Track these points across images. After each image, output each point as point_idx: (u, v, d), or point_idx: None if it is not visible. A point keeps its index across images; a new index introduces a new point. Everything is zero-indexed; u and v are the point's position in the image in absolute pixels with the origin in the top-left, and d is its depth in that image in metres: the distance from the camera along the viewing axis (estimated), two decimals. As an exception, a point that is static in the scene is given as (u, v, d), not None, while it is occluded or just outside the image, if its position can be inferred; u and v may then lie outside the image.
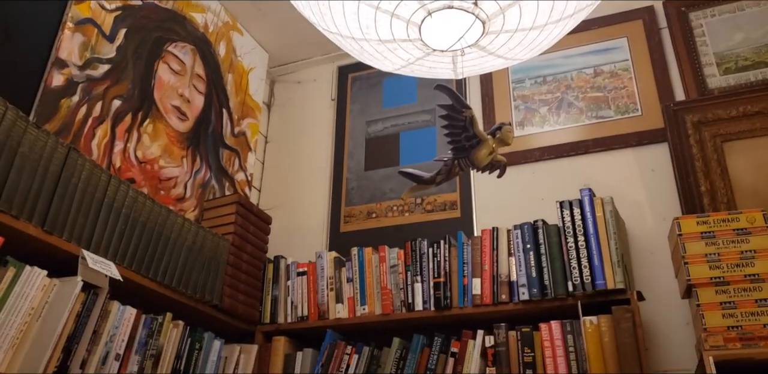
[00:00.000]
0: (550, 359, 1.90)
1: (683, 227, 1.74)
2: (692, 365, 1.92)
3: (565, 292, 1.95)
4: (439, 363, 2.03)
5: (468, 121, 1.33)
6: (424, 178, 1.50)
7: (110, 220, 1.76)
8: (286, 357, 2.27)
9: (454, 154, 1.41)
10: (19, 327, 1.44)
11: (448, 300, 2.10)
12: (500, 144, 1.41)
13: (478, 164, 1.41)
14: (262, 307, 2.34)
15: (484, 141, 1.38)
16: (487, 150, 1.36)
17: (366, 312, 2.22)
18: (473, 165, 1.42)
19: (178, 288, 1.95)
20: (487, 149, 1.36)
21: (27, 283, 1.48)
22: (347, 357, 2.16)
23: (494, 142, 1.41)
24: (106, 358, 1.67)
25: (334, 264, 2.33)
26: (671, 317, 2.03)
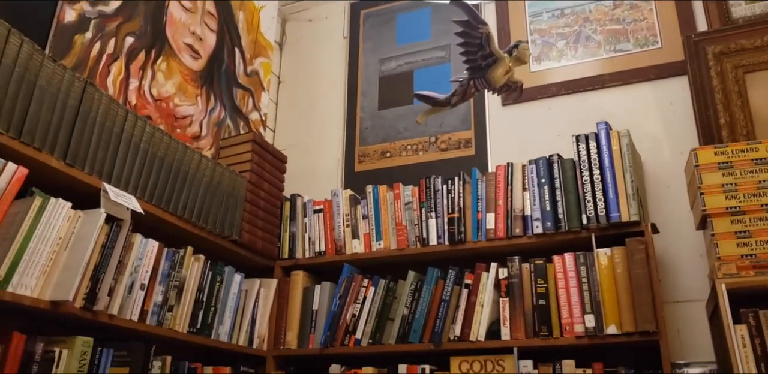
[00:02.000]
0: (563, 290, 1.94)
1: (700, 158, 1.74)
2: (704, 296, 1.96)
3: (579, 225, 1.97)
4: (453, 294, 2.08)
5: (484, 38, 1.30)
6: (439, 100, 1.48)
7: (129, 155, 1.78)
8: (305, 290, 2.33)
9: (469, 74, 1.39)
10: (48, 255, 1.49)
11: (462, 235, 2.13)
12: (517, 62, 1.39)
13: (494, 84, 1.39)
14: (280, 243, 2.39)
15: (500, 59, 1.35)
16: (504, 69, 1.34)
17: (381, 247, 2.26)
18: (489, 85, 1.40)
19: (198, 222, 1.98)
20: (504, 68, 1.34)
21: (53, 214, 1.51)
22: (364, 290, 2.22)
23: (511, 61, 1.39)
24: (131, 287, 1.72)
25: (349, 202, 2.36)
26: (685, 249, 2.05)
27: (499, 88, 1.40)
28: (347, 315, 2.20)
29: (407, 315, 2.13)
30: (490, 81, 1.38)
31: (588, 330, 1.86)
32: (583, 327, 1.87)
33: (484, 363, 2.00)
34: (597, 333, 1.85)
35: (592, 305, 1.88)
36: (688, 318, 1.99)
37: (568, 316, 1.91)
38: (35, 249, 1.45)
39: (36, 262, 1.46)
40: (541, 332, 1.92)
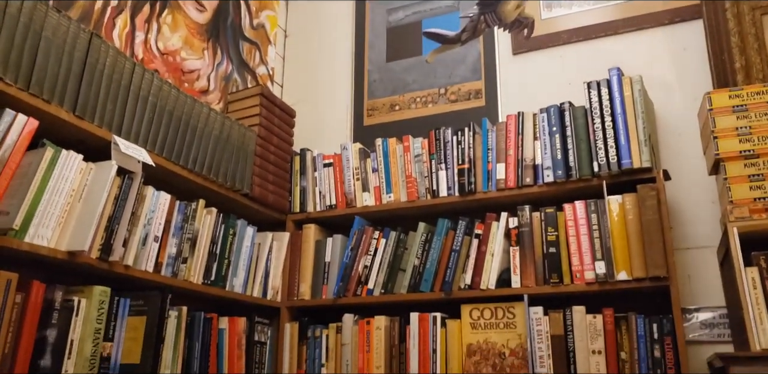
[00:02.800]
0: (574, 238, 1.94)
1: (714, 101, 1.71)
2: (715, 242, 1.97)
3: (590, 173, 1.96)
4: (463, 244, 2.09)
5: (495, -30, 1.26)
6: (449, 37, 1.45)
7: (138, 108, 1.77)
8: (317, 243, 2.35)
9: (480, 9, 1.35)
10: (62, 207, 1.50)
11: (472, 186, 2.13)
12: (528, -5, 1.34)
13: (504, 19, 1.35)
14: (291, 197, 2.41)
15: (511, -8, 1.31)
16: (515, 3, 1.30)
17: (392, 200, 2.27)
18: (500, 20, 1.37)
19: (209, 176, 1.99)
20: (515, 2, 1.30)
21: (65, 166, 1.52)
22: (375, 242, 2.24)
23: (522, -6, 1.34)
24: (145, 239, 1.74)
25: (359, 155, 2.36)
26: (697, 196, 2.05)
27: (509, 23, 1.36)
28: (359, 266, 2.23)
29: (418, 265, 2.15)
30: (500, 16, 1.35)
31: (598, 277, 1.88)
32: (594, 274, 1.89)
33: (495, 311, 2.03)
34: (607, 280, 1.86)
35: (603, 252, 1.89)
36: (698, 265, 2.00)
37: (579, 263, 1.92)
38: (50, 200, 1.47)
39: (51, 213, 1.47)
40: (551, 279, 1.94)
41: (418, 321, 2.07)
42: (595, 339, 1.84)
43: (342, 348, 2.16)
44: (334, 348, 2.18)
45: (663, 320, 1.78)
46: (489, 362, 1.98)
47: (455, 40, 1.42)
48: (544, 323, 1.91)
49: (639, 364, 1.77)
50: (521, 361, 1.94)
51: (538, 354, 1.89)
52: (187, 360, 1.83)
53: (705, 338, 1.92)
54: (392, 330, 2.11)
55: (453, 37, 1.43)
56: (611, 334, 1.83)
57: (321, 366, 2.18)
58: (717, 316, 1.93)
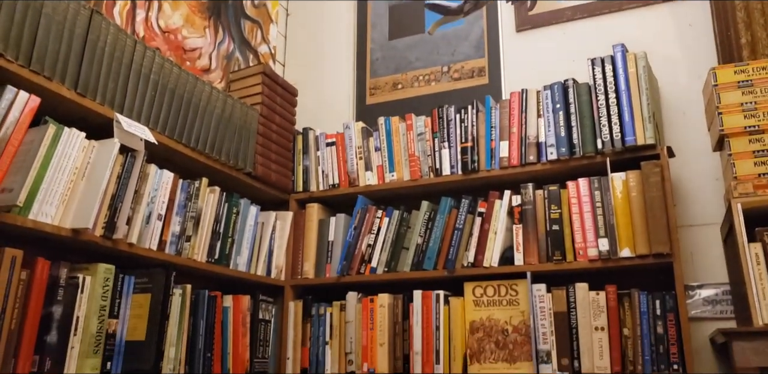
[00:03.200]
0: (577, 215, 1.94)
1: (719, 77, 1.70)
2: (719, 219, 1.97)
3: (593, 150, 1.96)
4: (466, 222, 2.09)
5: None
6: (451, 8, 1.44)
7: (140, 86, 1.76)
8: (320, 222, 2.36)
9: None
10: (66, 184, 1.50)
11: (475, 164, 2.13)
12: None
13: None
14: (294, 176, 2.40)
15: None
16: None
17: (395, 179, 2.27)
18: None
19: (212, 154, 1.99)
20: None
21: (68, 144, 1.52)
22: (378, 221, 2.24)
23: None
24: (149, 218, 1.75)
25: (361, 134, 2.35)
26: (700, 174, 2.04)
27: (512, -6, 1.34)
28: (362, 245, 2.23)
29: (421, 243, 2.15)
30: (503, -14, 1.33)
31: (602, 254, 1.88)
32: (597, 251, 1.89)
33: (498, 288, 2.03)
34: (610, 257, 1.86)
35: (606, 229, 1.89)
36: (701, 242, 2.00)
37: (582, 241, 1.92)
38: (53, 178, 1.47)
39: (54, 191, 1.47)
40: (554, 257, 1.94)
41: (421, 298, 2.08)
42: (597, 315, 1.85)
43: (346, 325, 2.18)
44: (338, 326, 2.19)
45: (666, 296, 1.79)
46: (492, 338, 1.99)
47: (457, 12, 1.41)
48: (547, 300, 1.92)
49: (642, 340, 1.78)
50: (524, 338, 1.96)
51: (540, 330, 1.90)
52: (192, 337, 1.84)
53: (707, 315, 1.93)
54: (396, 308, 2.12)
55: (455, 8, 1.41)
56: (614, 311, 1.83)
57: (325, 344, 2.19)
58: (720, 293, 1.94)
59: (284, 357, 2.23)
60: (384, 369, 2.07)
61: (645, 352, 1.77)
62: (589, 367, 1.82)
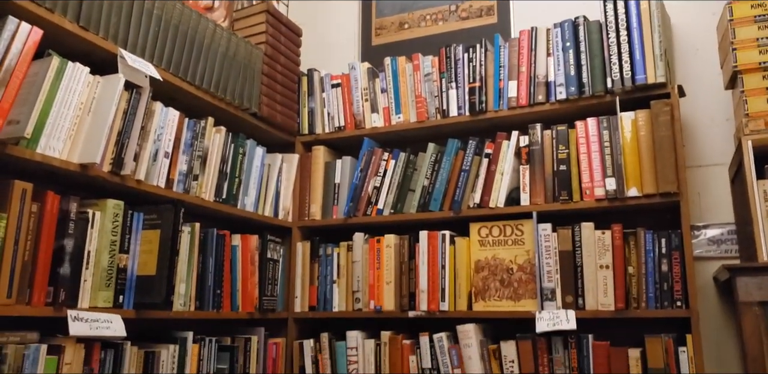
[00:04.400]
0: (585, 155, 1.94)
1: (735, 11, 1.66)
2: (728, 159, 1.96)
3: (603, 89, 1.93)
4: (473, 164, 2.09)
5: None
6: None
7: (143, 21, 1.73)
8: (326, 165, 2.36)
9: None
10: (72, 120, 1.49)
11: (483, 105, 2.11)
12: None
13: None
14: (299, 119, 2.39)
15: None
16: None
17: (401, 121, 2.25)
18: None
19: (217, 93, 1.97)
20: None
21: (72, 78, 1.50)
22: (384, 163, 2.24)
23: None
24: (156, 155, 1.74)
25: (367, 75, 2.32)
26: (711, 114, 2.02)
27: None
28: (369, 187, 2.24)
29: (427, 185, 2.15)
30: None
31: (608, 193, 1.88)
32: (604, 191, 1.89)
33: (503, 228, 2.05)
34: (617, 196, 1.87)
35: (614, 168, 1.89)
36: (709, 183, 2.00)
37: (589, 180, 1.92)
38: (59, 112, 1.46)
39: (61, 126, 1.47)
40: (560, 197, 1.94)
41: (427, 238, 2.09)
42: (603, 254, 1.86)
43: (353, 265, 2.20)
44: (345, 266, 2.22)
45: (671, 235, 1.80)
46: (497, 277, 2.02)
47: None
48: (553, 239, 1.93)
49: (646, 278, 1.80)
50: (529, 276, 1.98)
51: (545, 269, 1.92)
52: (202, 274, 1.87)
53: (712, 254, 1.95)
54: (402, 248, 2.14)
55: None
56: (619, 249, 1.85)
57: (332, 283, 2.23)
58: (725, 233, 1.95)
59: (293, 295, 2.27)
60: (390, 307, 2.11)
61: (649, 289, 1.79)
62: (592, 304, 1.85)
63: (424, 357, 2.00)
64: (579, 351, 1.82)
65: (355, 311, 2.16)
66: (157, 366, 1.68)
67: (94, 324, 1.47)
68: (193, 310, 1.82)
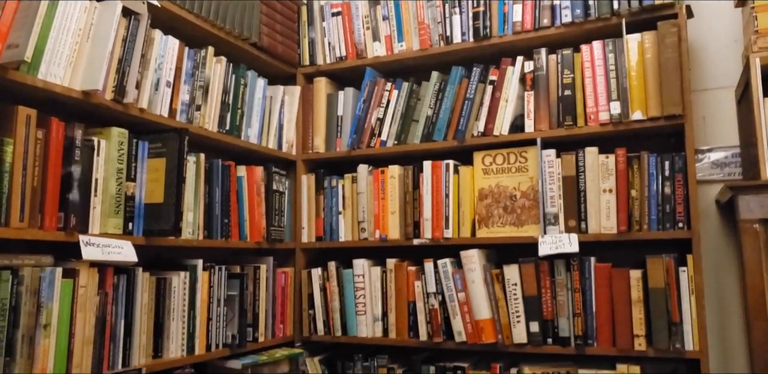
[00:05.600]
0: (590, 79, 1.92)
1: (748, -77, 1.61)
2: (734, 82, 1.94)
3: (609, 11, 1.89)
4: (477, 91, 2.07)
5: None
6: None
7: (136, -56, 1.68)
8: (329, 96, 2.34)
9: None
10: (71, 46, 1.48)
11: (487, 30, 2.07)
12: None
13: None
14: (300, 50, 2.36)
15: None
16: None
17: (404, 49, 2.22)
18: None
19: (216, 22, 1.93)
20: None
21: (68, 4, 1.47)
22: (387, 93, 2.22)
23: None
24: (158, 84, 1.73)
25: (368, 3, 2.27)
26: (719, 35, 1.99)
27: None
28: (372, 118, 2.23)
29: (431, 115, 2.14)
30: None
31: (613, 117, 1.87)
32: (608, 115, 1.88)
33: (507, 156, 2.05)
34: (622, 120, 1.86)
35: (619, 92, 1.87)
36: (714, 106, 1.99)
37: (594, 105, 1.91)
38: (57, 38, 1.44)
39: (60, 52, 1.45)
40: (565, 122, 1.94)
41: (431, 168, 2.10)
42: (606, 178, 1.87)
43: (358, 196, 2.22)
44: (350, 197, 2.24)
45: (675, 157, 1.80)
46: (500, 204, 2.04)
47: None
48: (556, 165, 1.94)
49: (649, 201, 1.81)
50: (532, 202, 2.00)
51: (549, 194, 1.94)
52: (209, 204, 1.89)
53: (715, 177, 1.96)
54: (406, 178, 2.15)
55: None
56: (623, 173, 1.85)
57: (338, 214, 2.25)
58: (729, 156, 1.95)
59: (299, 226, 2.30)
60: (395, 236, 2.14)
61: (651, 212, 1.81)
62: (595, 228, 1.87)
63: (429, 282, 2.05)
64: (581, 273, 1.86)
65: (361, 240, 2.20)
66: (169, 292, 1.72)
67: (106, 250, 1.51)
68: (201, 239, 1.85)
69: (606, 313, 1.82)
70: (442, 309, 2.03)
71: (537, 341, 1.90)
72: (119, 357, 1.56)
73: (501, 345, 1.94)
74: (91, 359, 1.47)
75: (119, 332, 1.56)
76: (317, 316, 2.22)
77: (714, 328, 1.93)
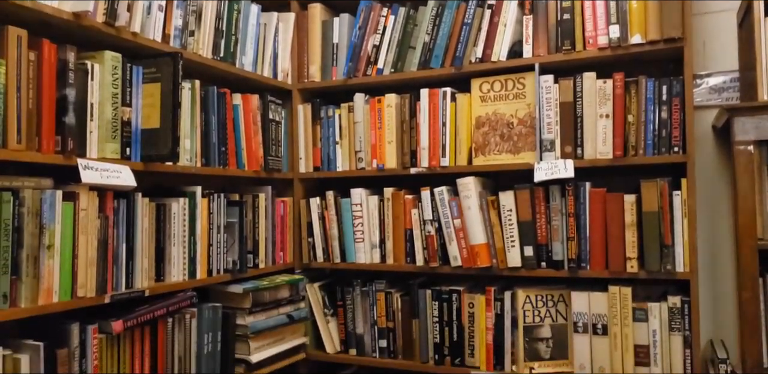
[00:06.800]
0: (589, 2, 1.88)
1: None
2: (736, 5, 1.90)
3: (612, -70, 1.84)
4: (475, 16, 2.03)
5: None
6: None
7: None
8: (324, 23, 2.30)
9: None
10: (57, -35, 1.44)
11: (486, -47, 2.01)
12: None
13: None
14: (293, -25, 2.30)
15: None
16: None
17: (400, -26, 2.16)
18: None
19: (206, -57, 1.88)
20: None
21: None
22: (383, 19, 2.18)
23: None
24: (150, 8, 1.70)
25: (364, -74, 2.20)
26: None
27: None
28: (368, 45, 2.20)
29: (428, 41, 2.11)
30: None
31: (612, 41, 1.85)
32: (607, 39, 1.86)
33: (505, 83, 2.04)
34: (621, 44, 1.84)
35: (618, 15, 1.84)
36: (715, 30, 1.96)
37: (593, 29, 1.88)
38: (43, -44, 1.40)
39: (47, -29, 1.41)
40: (563, 47, 1.91)
41: (428, 96, 2.09)
42: (603, 103, 1.87)
43: (354, 126, 2.22)
44: (347, 127, 2.24)
45: (673, 82, 1.79)
46: (497, 132, 2.04)
47: None
48: (554, 91, 1.93)
49: (645, 126, 1.82)
50: (529, 129, 2.00)
51: (546, 121, 1.94)
52: (205, 131, 1.89)
53: (713, 102, 1.95)
54: (403, 107, 2.14)
55: None
56: (620, 98, 1.85)
57: (335, 144, 2.26)
58: (728, 80, 1.94)
59: (297, 157, 2.31)
60: (392, 165, 2.15)
61: (648, 137, 1.82)
62: (591, 153, 1.88)
63: (426, 209, 2.07)
64: (576, 199, 1.89)
65: (358, 170, 2.21)
66: (169, 218, 1.75)
67: (105, 174, 1.52)
68: (199, 166, 1.86)
69: (599, 237, 1.86)
70: (438, 236, 2.07)
71: (531, 265, 1.94)
72: (122, 280, 1.60)
73: (495, 269, 1.99)
74: (95, 280, 1.51)
75: (121, 255, 1.59)
76: (316, 244, 2.26)
77: (704, 251, 1.97)
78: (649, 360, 1.80)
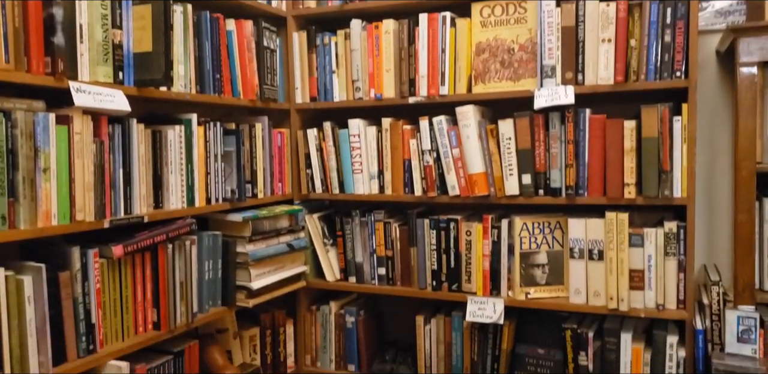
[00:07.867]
0: None
1: None
2: None
3: None
4: (477, -63, 1.96)
5: None
6: None
7: None
8: (319, -54, 2.22)
9: None
10: None
11: None
12: None
13: None
14: None
15: None
16: None
17: None
18: None
19: None
20: None
21: None
22: (381, -59, 2.10)
23: None
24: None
25: None
26: None
27: None
28: (365, -30, 2.13)
29: (427, -35, 2.04)
30: None
31: (617, -39, 1.79)
32: (613, -42, 1.79)
33: (506, 7, 1.98)
34: (626, -37, 1.78)
35: (625, -67, 1.77)
36: (724, -50, 1.89)
37: (598, -52, 1.81)
38: None
39: None
40: (567, -32, 1.85)
41: (427, 21, 2.04)
42: (606, 27, 1.82)
43: (351, 54, 2.17)
44: (343, 55, 2.19)
45: (678, 4, 1.74)
46: (497, 58, 2.00)
47: None
48: (556, 15, 1.87)
49: (648, 50, 1.78)
50: (530, 55, 1.96)
51: (547, 46, 1.89)
52: (199, 57, 1.85)
53: (717, 27, 1.90)
54: (401, 33, 2.09)
55: None
56: (623, 22, 1.80)
57: (332, 73, 2.22)
58: (734, 3, 1.89)
59: (293, 87, 2.27)
60: (390, 94, 2.12)
61: (650, 61, 1.78)
62: (592, 79, 1.85)
63: (424, 139, 2.06)
64: (575, 125, 1.87)
65: (355, 100, 2.18)
66: (166, 145, 1.73)
67: (98, 98, 1.49)
68: (194, 93, 1.83)
69: (598, 163, 1.85)
70: (437, 166, 2.06)
71: (529, 192, 1.94)
72: (121, 205, 1.60)
73: (493, 197, 1.99)
74: (93, 205, 1.51)
75: (118, 180, 1.59)
76: (315, 175, 2.26)
77: (702, 178, 1.97)
78: (643, 284, 1.83)
